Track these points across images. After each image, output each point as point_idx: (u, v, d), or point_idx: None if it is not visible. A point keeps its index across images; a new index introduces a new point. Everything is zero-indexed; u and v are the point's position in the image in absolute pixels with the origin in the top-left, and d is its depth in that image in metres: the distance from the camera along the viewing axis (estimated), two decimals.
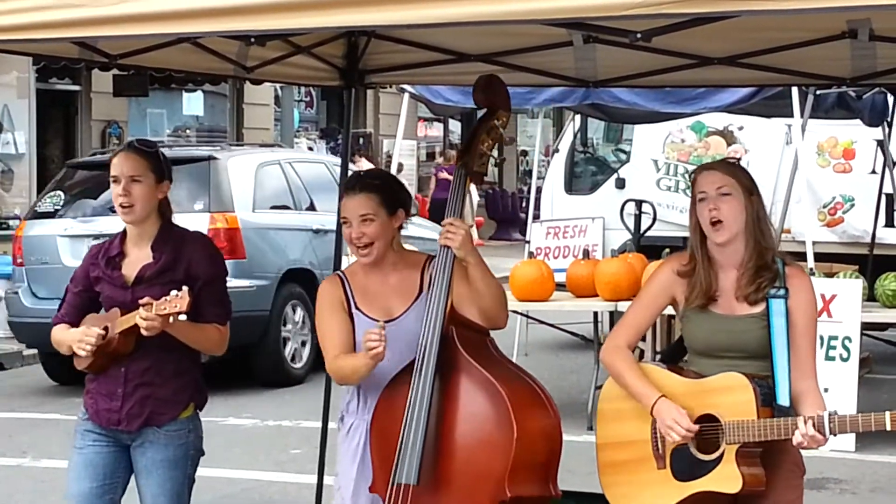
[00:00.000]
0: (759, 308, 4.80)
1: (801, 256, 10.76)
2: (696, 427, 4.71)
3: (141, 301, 5.20)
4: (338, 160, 17.61)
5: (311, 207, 14.09)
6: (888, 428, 4.45)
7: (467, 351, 4.87)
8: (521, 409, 4.76)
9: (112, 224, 13.51)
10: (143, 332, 5.20)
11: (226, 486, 9.12)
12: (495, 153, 5.16)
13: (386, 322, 4.98)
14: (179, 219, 5.63)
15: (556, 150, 16.74)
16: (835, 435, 4.57)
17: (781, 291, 4.77)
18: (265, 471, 9.73)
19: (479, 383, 4.82)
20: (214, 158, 13.15)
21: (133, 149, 5.52)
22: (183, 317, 5.12)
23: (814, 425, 4.55)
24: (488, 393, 4.80)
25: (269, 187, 13.70)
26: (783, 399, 4.69)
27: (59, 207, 13.33)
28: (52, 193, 13.61)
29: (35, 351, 14.19)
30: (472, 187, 4.71)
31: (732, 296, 4.85)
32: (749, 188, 4.84)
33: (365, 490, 5.05)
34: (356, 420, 5.17)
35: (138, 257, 5.46)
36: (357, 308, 5.12)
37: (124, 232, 5.55)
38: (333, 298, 5.16)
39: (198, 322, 5.35)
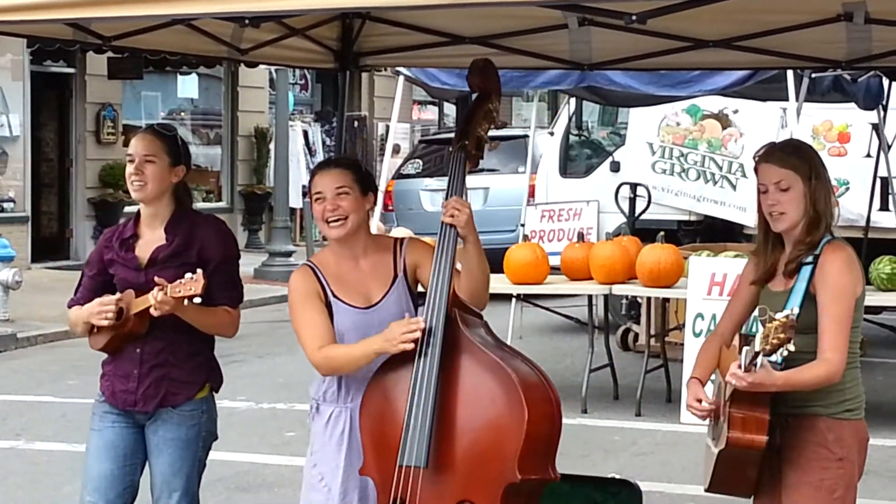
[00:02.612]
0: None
1: None
2: (708, 407, 4.81)
3: (156, 279, 5.21)
4: None
5: None
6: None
7: (470, 333, 4.85)
8: (529, 391, 4.73)
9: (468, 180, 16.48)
10: (152, 312, 5.20)
11: (220, 469, 9.11)
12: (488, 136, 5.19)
13: (366, 308, 4.99)
14: (505, 178, 5.60)
15: (551, 134, 16.76)
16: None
17: (810, 259, 4.75)
18: (260, 453, 9.73)
19: (486, 365, 4.80)
20: (527, 136, 17.43)
21: (151, 130, 5.57)
22: (197, 300, 5.13)
23: (739, 365, 4.55)
24: (497, 375, 4.77)
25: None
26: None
27: (419, 170, 19.30)
28: (412, 161, 19.92)
29: (30, 334, 14.84)
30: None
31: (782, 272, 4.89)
32: (808, 173, 4.80)
33: (354, 475, 5.03)
34: (336, 408, 5.13)
35: (152, 239, 5.47)
36: (335, 296, 5.08)
37: (138, 214, 5.55)
38: (308, 289, 5.11)
39: (209, 305, 5.35)
